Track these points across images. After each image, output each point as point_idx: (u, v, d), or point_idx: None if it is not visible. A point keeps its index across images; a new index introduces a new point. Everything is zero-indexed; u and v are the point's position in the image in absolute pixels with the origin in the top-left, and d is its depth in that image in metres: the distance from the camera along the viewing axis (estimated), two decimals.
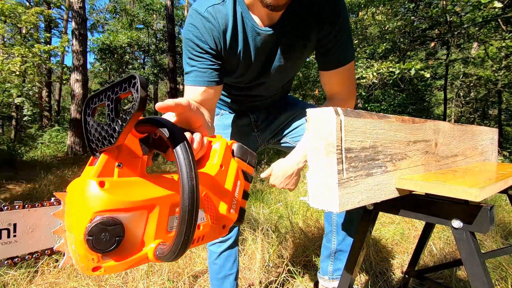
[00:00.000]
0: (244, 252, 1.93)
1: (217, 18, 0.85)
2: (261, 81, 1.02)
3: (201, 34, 0.85)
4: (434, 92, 13.66)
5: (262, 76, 1.00)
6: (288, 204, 2.80)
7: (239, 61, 0.93)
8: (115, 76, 16.63)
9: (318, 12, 0.87)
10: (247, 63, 0.95)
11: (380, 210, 0.71)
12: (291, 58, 0.96)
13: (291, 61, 0.97)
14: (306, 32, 0.90)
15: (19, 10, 8.22)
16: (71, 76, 8.84)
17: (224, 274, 1.22)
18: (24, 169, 5.62)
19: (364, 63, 6.47)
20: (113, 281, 1.61)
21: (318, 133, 0.52)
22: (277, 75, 1.01)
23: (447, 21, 7.17)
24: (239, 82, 1.04)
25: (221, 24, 0.86)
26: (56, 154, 8.97)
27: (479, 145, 1.03)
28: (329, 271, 1.21)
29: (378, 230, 2.28)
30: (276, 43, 0.92)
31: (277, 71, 0.99)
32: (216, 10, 0.85)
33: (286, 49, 0.93)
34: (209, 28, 0.85)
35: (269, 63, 0.96)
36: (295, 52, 0.95)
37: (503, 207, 2.77)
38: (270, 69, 0.98)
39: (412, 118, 0.67)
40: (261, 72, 0.99)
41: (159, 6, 16.97)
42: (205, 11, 0.85)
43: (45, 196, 3.31)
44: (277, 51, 0.94)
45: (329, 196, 0.51)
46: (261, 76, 1.00)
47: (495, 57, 8.35)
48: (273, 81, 1.04)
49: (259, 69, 0.98)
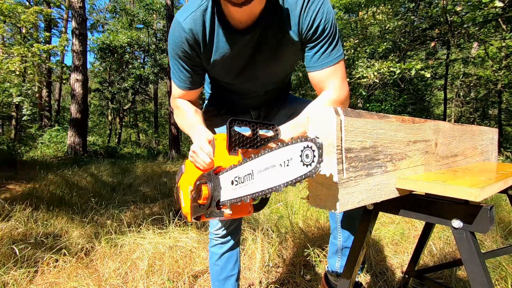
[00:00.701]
0: (244, 252, 1.93)
1: (194, 27, 0.88)
2: (247, 81, 1.04)
3: (180, 44, 0.91)
4: (434, 92, 13.67)
5: (247, 77, 1.01)
6: (288, 204, 2.80)
7: (222, 65, 0.96)
8: (115, 76, 16.63)
9: (300, 13, 0.86)
10: (230, 66, 0.97)
11: (380, 210, 0.71)
12: (276, 58, 0.96)
13: (276, 60, 0.97)
14: (288, 32, 0.90)
15: (18, 9, 8.21)
16: (71, 76, 8.84)
17: (225, 275, 1.22)
18: (24, 169, 5.62)
19: (364, 63, 6.47)
20: (113, 281, 1.61)
21: (318, 133, 0.52)
22: (263, 75, 1.02)
23: (447, 21, 7.16)
24: (228, 84, 1.07)
25: (199, 32, 0.89)
26: (56, 154, 8.97)
27: (479, 145, 1.03)
28: (337, 267, 1.22)
29: (378, 230, 2.28)
30: (257, 44, 0.92)
31: (261, 71, 0.99)
32: (193, 19, 0.88)
33: (268, 49, 0.93)
34: (186, 38, 0.90)
35: (252, 64, 0.97)
36: (278, 51, 0.95)
37: (503, 207, 2.77)
38: (254, 70, 0.99)
39: (412, 118, 0.67)
40: (245, 73, 1.00)
41: (159, 5, 16.96)
42: (183, 21, 0.88)
43: (45, 196, 3.31)
44: (259, 52, 0.94)
45: (329, 196, 0.51)
46: (246, 77, 1.01)
47: (495, 57, 8.35)
48: (261, 80, 1.04)
49: (242, 71, 0.99)
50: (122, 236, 2.08)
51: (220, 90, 1.15)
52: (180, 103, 1.05)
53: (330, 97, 0.93)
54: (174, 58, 0.96)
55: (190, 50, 0.92)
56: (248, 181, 0.57)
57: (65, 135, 10.23)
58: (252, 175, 0.56)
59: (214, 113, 1.23)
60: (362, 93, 8.12)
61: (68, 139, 8.80)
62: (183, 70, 0.97)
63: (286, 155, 0.50)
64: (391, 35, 7.50)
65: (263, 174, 0.54)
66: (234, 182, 0.61)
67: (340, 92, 0.94)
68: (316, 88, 0.98)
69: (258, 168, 0.55)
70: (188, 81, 0.99)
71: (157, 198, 3.74)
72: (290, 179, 0.48)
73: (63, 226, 2.48)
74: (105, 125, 19.47)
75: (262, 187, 0.54)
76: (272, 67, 0.99)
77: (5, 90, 8.14)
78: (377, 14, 7.40)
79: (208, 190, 0.65)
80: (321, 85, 0.95)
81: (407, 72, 5.70)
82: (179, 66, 0.97)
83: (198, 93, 1.07)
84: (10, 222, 2.38)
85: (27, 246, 1.95)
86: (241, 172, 0.60)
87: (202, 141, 0.85)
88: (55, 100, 17.19)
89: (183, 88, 1.01)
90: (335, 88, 0.93)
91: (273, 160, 0.52)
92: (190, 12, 0.88)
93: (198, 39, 0.90)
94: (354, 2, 7.83)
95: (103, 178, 4.89)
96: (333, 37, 0.90)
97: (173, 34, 0.91)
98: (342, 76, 0.94)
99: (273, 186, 0.51)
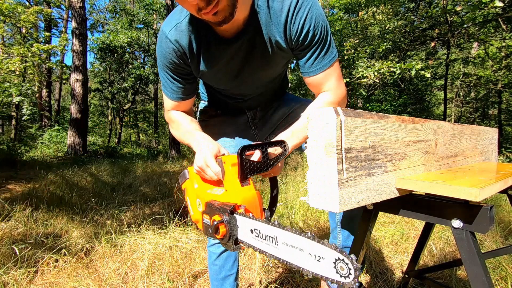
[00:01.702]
0: (244, 252, 1.93)
1: (179, 38, 0.87)
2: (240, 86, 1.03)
3: (168, 55, 0.89)
4: (434, 92, 13.67)
5: (239, 82, 1.01)
6: (288, 204, 2.80)
7: (213, 74, 0.95)
8: (115, 76, 16.63)
9: (286, 20, 0.84)
10: (221, 74, 0.96)
11: (380, 210, 0.71)
12: (266, 63, 0.95)
13: (266, 65, 0.96)
14: (276, 38, 0.88)
15: (18, 9, 8.21)
16: (71, 76, 8.84)
17: (224, 274, 1.22)
18: (24, 168, 5.62)
19: (364, 63, 6.47)
20: (113, 281, 1.61)
21: (318, 133, 0.52)
22: (255, 79, 1.01)
23: (447, 21, 7.17)
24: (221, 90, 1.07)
25: (185, 43, 0.88)
26: (56, 154, 8.97)
27: (479, 145, 1.03)
28: None
29: (378, 230, 2.28)
30: (246, 50, 0.91)
31: (252, 76, 0.99)
32: (178, 30, 0.87)
33: (258, 55, 0.92)
34: (173, 49, 0.88)
35: (243, 71, 0.96)
36: (268, 57, 0.93)
37: (503, 207, 2.77)
38: (245, 76, 0.98)
39: (412, 118, 0.67)
40: (237, 79, 0.99)
41: (159, 5, 16.96)
42: (168, 33, 0.87)
43: (45, 196, 3.31)
44: (250, 58, 0.93)
45: (329, 196, 0.51)
46: (238, 82, 1.01)
47: (495, 57, 8.36)
48: (253, 84, 1.04)
49: (233, 78, 0.98)
50: (122, 236, 2.08)
51: (214, 93, 1.15)
52: (174, 114, 1.03)
53: (327, 98, 0.94)
54: (164, 70, 0.94)
55: (178, 60, 0.90)
56: (271, 244, 0.57)
57: (65, 135, 10.24)
58: (276, 241, 0.56)
59: (211, 113, 1.23)
60: (362, 93, 8.12)
61: (68, 139, 8.80)
62: (173, 81, 0.96)
63: (318, 251, 0.49)
64: (391, 35, 7.51)
65: (290, 249, 0.54)
66: (254, 232, 0.61)
67: (337, 92, 0.95)
68: (313, 90, 0.99)
69: (285, 240, 0.55)
70: (180, 91, 0.98)
71: (157, 198, 3.74)
72: (324, 275, 0.49)
73: (63, 226, 2.48)
74: (105, 125, 19.48)
75: (289, 259, 0.54)
76: (264, 71, 0.98)
77: (5, 90, 8.14)
78: (377, 14, 7.40)
79: (226, 229, 0.65)
80: (318, 88, 0.96)
81: (407, 72, 5.70)
82: (169, 77, 0.95)
83: (191, 104, 1.05)
84: (10, 222, 2.38)
85: (27, 246, 1.95)
86: (263, 229, 0.59)
87: (207, 155, 0.80)
88: (55, 100, 17.19)
89: (175, 100, 0.99)
90: (331, 89, 0.94)
91: (303, 245, 0.52)
92: (175, 23, 0.87)
93: (185, 50, 0.89)
94: (354, 2, 7.84)
95: (103, 178, 4.89)
96: (324, 41, 0.88)
97: (160, 46, 0.90)
98: (337, 76, 0.94)
99: (303, 268, 0.52)
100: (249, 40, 0.88)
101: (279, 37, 0.88)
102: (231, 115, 1.20)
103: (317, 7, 0.86)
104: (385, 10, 7.32)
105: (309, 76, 0.93)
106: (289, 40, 0.88)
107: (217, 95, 1.14)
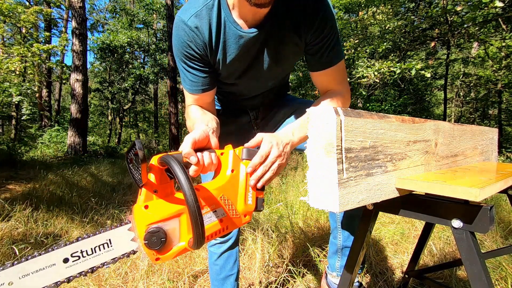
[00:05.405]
0: (244, 252, 1.93)
1: (200, 25, 0.86)
2: (249, 82, 1.03)
3: (186, 43, 0.88)
4: (434, 92, 13.67)
5: (249, 77, 1.01)
6: (288, 204, 2.80)
7: (227, 65, 0.95)
8: (115, 76, 16.63)
9: (304, 14, 0.86)
10: (235, 66, 0.96)
11: (380, 210, 0.71)
12: (279, 59, 0.96)
13: (279, 61, 0.97)
14: (292, 33, 0.90)
15: (18, 9, 8.21)
16: (71, 76, 8.84)
17: (224, 275, 1.22)
18: (24, 168, 5.62)
19: (365, 63, 6.47)
20: (113, 281, 1.61)
21: (318, 132, 0.52)
22: (265, 75, 1.01)
23: (447, 21, 7.16)
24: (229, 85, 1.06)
25: (205, 31, 0.87)
26: (56, 154, 8.96)
27: (479, 145, 1.03)
28: (337, 267, 1.22)
29: (378, 230, 2.28)
30: (262, 44, 0.91)
31: (263, 71, 0.99)
32: (198, 18, 0.86)
33: (272, 50, 0.93)
34: (192, 36, 0.87)
35: (256, 65, 0.96)
36: (282, 52, 0.94)
37: (503, 207, 2.77)
38: (257, 71, 0.98)
39: (412, 118, 0.67)
40: (248, 73, 0.99)
41: (159, 5, 16.96)
42: (188, 20, 0.86)
43: (45, 196, 3.31)
44: (263, 52, 0.93)
45: (329, 196, 0.51)
46: (248, 77, 1.01)
47: (495, 57, 8.36)
48: (262, 80, 1.04)
49: (245, 71, 0.98)
50: None
51: (219, 91, 1.15)
52: (191, 109, 0.97)
53: (333, 96, 0.95)
54: (182, 61, 0.92)
55: (197, 48, 0.89)
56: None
57: (65, 135, 10.23)
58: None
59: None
60: (362, 93, 8.12)
61: (68, 139, 8.80)
62: (192, 70, 0.92)
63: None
64: (391, 35, 7.50)
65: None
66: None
67: (342, 91, 0.96)
68: (318, 87, 1.00)
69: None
70: (199, 82, 0.94)
71: None
72: None
73: (63, 226, 2.48)
74: (105, 125, 19.48)
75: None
76: (274, 67, 0.99)
77: (5, 90, 8.14)
78: (377, 14, 7.39)
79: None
80: (324, 85, 0.97)
81: (407, 72, 5.69)
82: (188, 67, 0.92)
83: (212, 97, 1.00)
84: (10, 222, 2.38)
85: (27, 246, 1.95)
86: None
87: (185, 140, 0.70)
88: (55, 100, 17.18)
89: (195, 92, 0.95)
90: (337, 87, 0.96)
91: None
92: (195, 11, 0.86)
93: (204, 38, 0.88)
94: (354, 2, 7.84)
95: (103, 178, 4.89)
96: (336, 37, 0.91)
97: (177, 34, 0.88)
98: (343, 75, 0.97)
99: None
100: (266, 33, 0.89)
101: (296, 32, 0.89)
102: (233, 116, 1.21)
103: (330, 7, 0.89)
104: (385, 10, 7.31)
105: (317, 70, 0.94)
106: (303, 35, 0.90)
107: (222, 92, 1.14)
